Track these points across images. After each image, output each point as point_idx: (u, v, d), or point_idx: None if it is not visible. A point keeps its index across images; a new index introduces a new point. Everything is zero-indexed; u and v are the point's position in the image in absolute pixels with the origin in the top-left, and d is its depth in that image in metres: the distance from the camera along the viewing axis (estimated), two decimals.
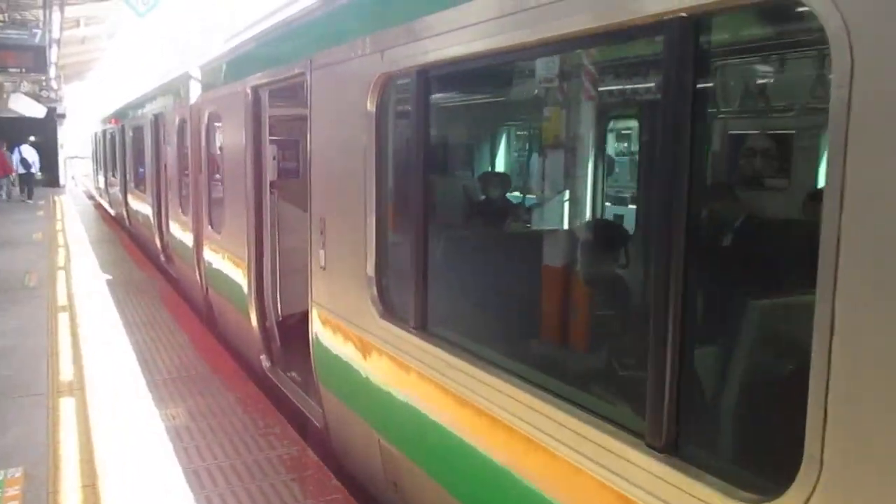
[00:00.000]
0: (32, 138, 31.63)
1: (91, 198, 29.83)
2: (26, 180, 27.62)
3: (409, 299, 3.76)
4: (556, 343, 3.94)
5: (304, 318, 7.45)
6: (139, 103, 14.69)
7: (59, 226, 19.03)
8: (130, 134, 16.09)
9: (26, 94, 28.47)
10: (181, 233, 10.10)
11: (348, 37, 4.29)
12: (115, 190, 19.77)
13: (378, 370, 4.10)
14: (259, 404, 6.02)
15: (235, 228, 7.09)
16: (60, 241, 15.89)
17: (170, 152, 11.01)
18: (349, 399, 4.61)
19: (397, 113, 4.19)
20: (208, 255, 8.39)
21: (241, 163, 6.78)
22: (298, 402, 5.76)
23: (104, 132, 22.76)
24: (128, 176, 16.86)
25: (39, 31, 15.32)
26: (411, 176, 3.71)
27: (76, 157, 45.33)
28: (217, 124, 8.15)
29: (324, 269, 4.77)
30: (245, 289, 6.82)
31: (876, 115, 1.61)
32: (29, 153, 27.85)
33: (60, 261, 13.13)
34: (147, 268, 12.74)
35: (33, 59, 15.29)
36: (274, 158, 6.70)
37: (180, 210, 10.12)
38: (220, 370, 6.91)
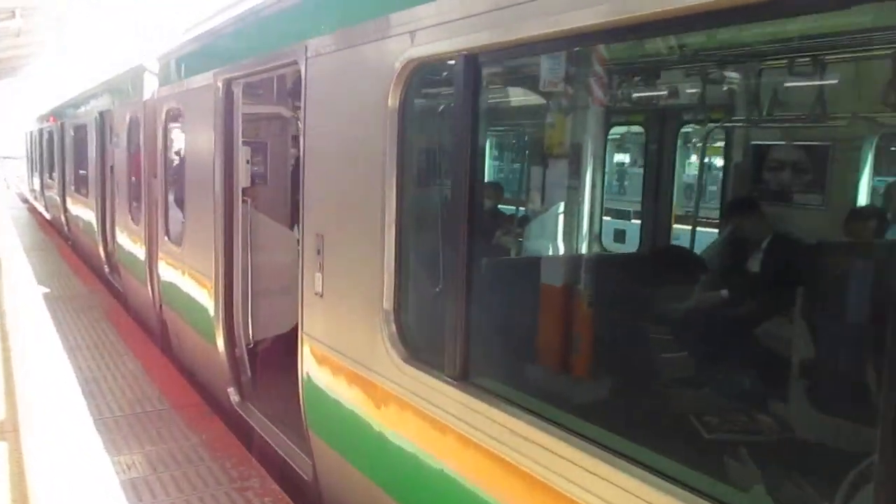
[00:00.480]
0: None
1: (25, 201, 28.06)
2: None
3: (444, 341, 3.01)
4: (644, 397, 3.22)
5: (276, 344, 6.63)
6: (82, 100, 13.54)
7: None
8: (71, 133, 14.88)
9: None
10: (131, 243, 9.10)
11: (362, 15, 3.53)
12: (52, 193, 18.41)
13: (398, 426, 3.32)
14: (230, 448, 5.16)
15: (200, 241, 6.21)
16: None
17: (117, 154, 9.98)
18: (353, 454, 3.82)
19: (424, 108, 3.45)
20: (164, 269, 7.46)
21: (207, 167, 5.91)
22: (278, 448, 4.93)
23: (41, 131, 21.29)
24: (67, 178, 15.61)
25: None
26: (451, 185, 2.97)
27: (9, 157, 43.00)
28: (177, 123, 7.25)
29: (321, 296, 3.98)
30: (211, 311, 5.95)
31: None
32: None
33: None
34: (89, 280, 11.62)
35: None
36: (248, 163, 5.86)
37: (130, 218, 9.12)
38: (179, 404, 6.01)
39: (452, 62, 3.00)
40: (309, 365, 4.20)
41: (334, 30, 3.78)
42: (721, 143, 6.66)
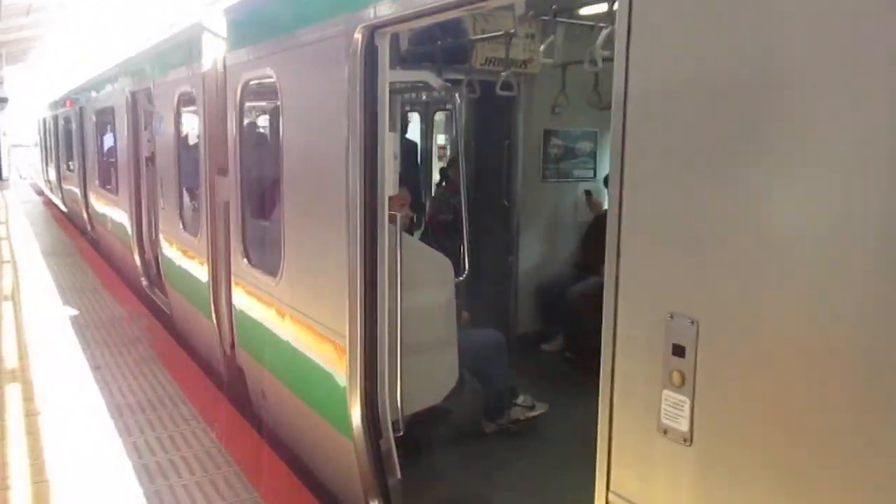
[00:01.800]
0: None
1: (40, 193, 26.18)
2: None
3: None
4: None
5: (422, 422, 4.63)
6: (105, 79, 11.51)
7: (2, 231, 15.66)
8: (92, 119, 12.86)
9: None
10: (183, 258, 7.09)
11: None
12: (71, 187, 16.45)
13: None
14: None
15: (316, 274, 4.19)
16: (6, 253, 12.63)
17: (160, 143, 7.97)
18: None
19: None
20: (242, 302, 5.45)
21: (329, 164, 3.89)
22: None
23: (55, 117, 19.31)
24: (88, 171, 13.61)
25: None
26: None
27: (21, 145, 41.18)
28: (263, 99, 5.24)
29: (686, 442, 1.94)
30: (339, 378, 3.95)
31: None
32: None
33: (7, 285, 9.95)
34: (123, 295, 9.65)
35: None
36: (396, 157, 3.85)
37: (181, 225, 7.12)
38: None
39: None
40: None
41: None
42: None
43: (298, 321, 4.44)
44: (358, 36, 3.55)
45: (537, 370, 6.56)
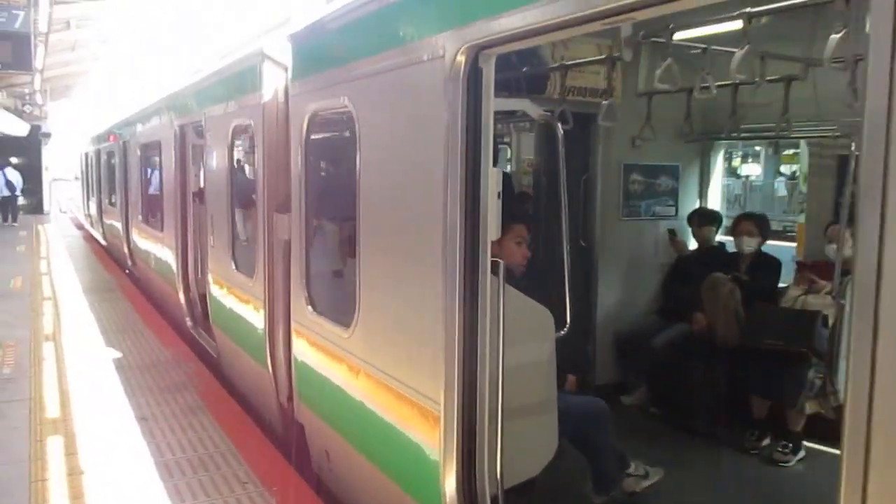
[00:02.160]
0: (14, 160, 28.31)
1: (80, 227, 26.22)
2: (10, 203, 25.63)
3: None
4: None
5: (523, 494, 4.06)
6: (152, 112, 11.28)
7: (44, 266, 15.46)
8: (137, 153, 12.64)
9: (6, 109, 25.04)
10: (235, 301, 6.65)
11: None
12: (113, 221, 16.28)
13: None
14: None
15: (407, 332, 3.68)
16: (47, 290, 12.35)
17: (210, 178, 7.60)
18: None
19: None
20: (307, 353, 4.96)
21: (422, 205, 3.42)
22: None
23: (98, 152, 19.27)
24: (131, 206, 13.38)
25: (21, 14, 11.76)
26: None
27: (61, 179, 41.75)
28: (332, 131, 4.81)
29: None
30: (430, 450, 3.42)
31: None
32: (13, 176, 26.00)
33: (48, 324, 9.61)
34: (166, 335, 9.25)
35: (11, 52, 11.73)
36: (499, 196, 3.35)
37: (233, 265, 6.69)
38: None
39: None
40: None
41: None
42: None
43: (375, 380, 3.92)
44: (461, 58, 3.09)
45: (621, 426, 5.95)
